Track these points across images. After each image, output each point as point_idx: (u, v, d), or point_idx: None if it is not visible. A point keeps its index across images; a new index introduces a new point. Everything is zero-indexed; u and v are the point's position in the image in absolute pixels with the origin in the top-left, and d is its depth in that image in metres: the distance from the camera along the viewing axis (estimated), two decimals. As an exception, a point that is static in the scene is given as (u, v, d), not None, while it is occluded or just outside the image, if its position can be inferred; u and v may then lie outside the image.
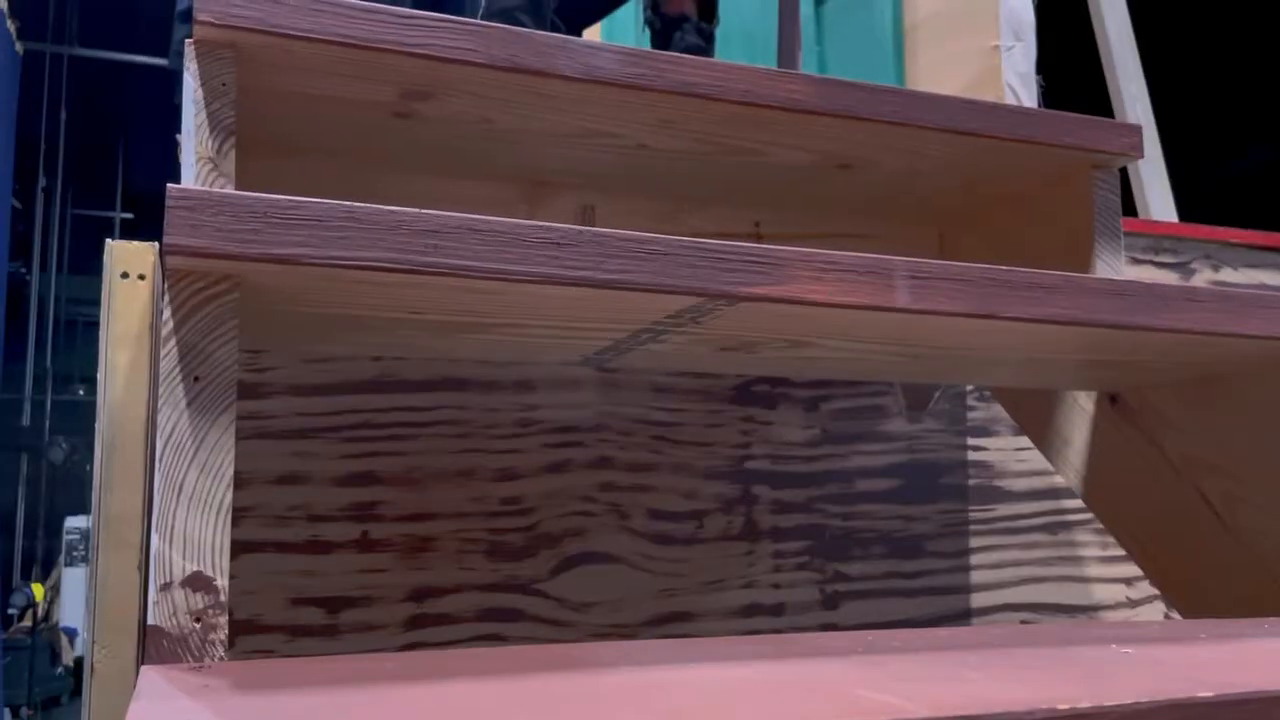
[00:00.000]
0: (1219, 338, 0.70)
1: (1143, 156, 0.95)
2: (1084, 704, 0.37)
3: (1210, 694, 0.40)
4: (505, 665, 0.45)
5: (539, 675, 0.43)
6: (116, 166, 6.31)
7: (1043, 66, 1.95)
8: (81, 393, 5.96)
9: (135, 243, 0.80)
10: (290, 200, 0.49)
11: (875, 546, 1.14)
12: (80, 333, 6.18)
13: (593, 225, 1.02)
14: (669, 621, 1.01)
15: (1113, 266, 0.94)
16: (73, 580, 5.11)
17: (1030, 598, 1.17)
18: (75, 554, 5.15)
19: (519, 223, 0.53)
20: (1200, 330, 0.68)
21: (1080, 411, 0.98)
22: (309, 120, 0.82)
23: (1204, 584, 0.92)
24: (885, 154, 0.94)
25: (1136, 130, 0.95)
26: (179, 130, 0.72)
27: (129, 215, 6.40)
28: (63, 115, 5.53)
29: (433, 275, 0.51)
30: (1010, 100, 1.97)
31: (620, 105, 0.84)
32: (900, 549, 1.15)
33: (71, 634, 5.20)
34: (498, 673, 0.43)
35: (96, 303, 0.80)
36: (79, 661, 5.07)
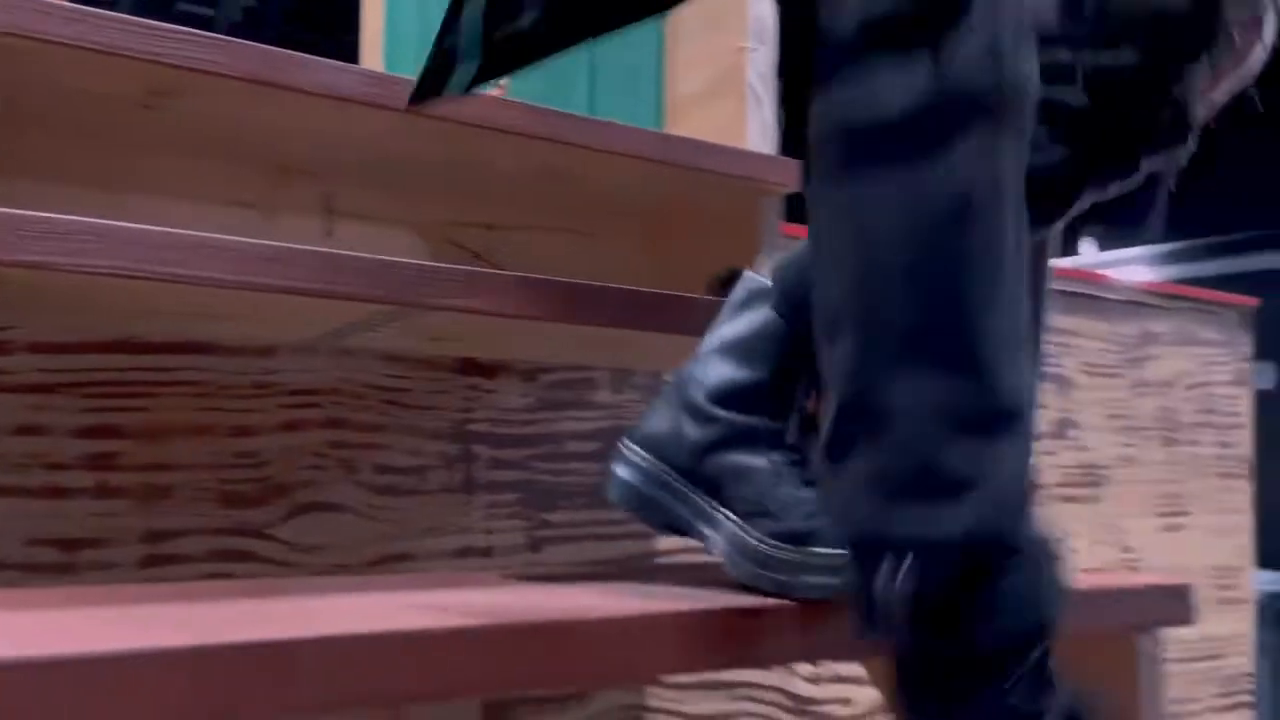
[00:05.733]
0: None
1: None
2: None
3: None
4: (153, 595, 0.58)
5: (146, 605, 0.57)
6: None
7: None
8: None
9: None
10: (39, 217, 0.59)
11: (579, 499, 1.32)
12: None
13: (333, 213, 1.13)
14: (389, 562, 1.16)
15: (772, 276, 1.16)
16: None
17: (706, 544, 1.40)
18: None
19: (246, 241, 0.66)
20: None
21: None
22: (65, 107, 0.89)
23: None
24: (592, 170, 1.11)
25: (794, 165, 1.16)
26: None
27: None
28: None
29: (169, 283, 0.63)
30: (751, 99, 2.20)
31: (359, 117, 0.96)
32: (601, 501, 1.34)
33: None
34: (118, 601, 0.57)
35: None
36: None
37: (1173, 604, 0.82)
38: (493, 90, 2.48)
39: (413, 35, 2.59)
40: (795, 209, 1.40)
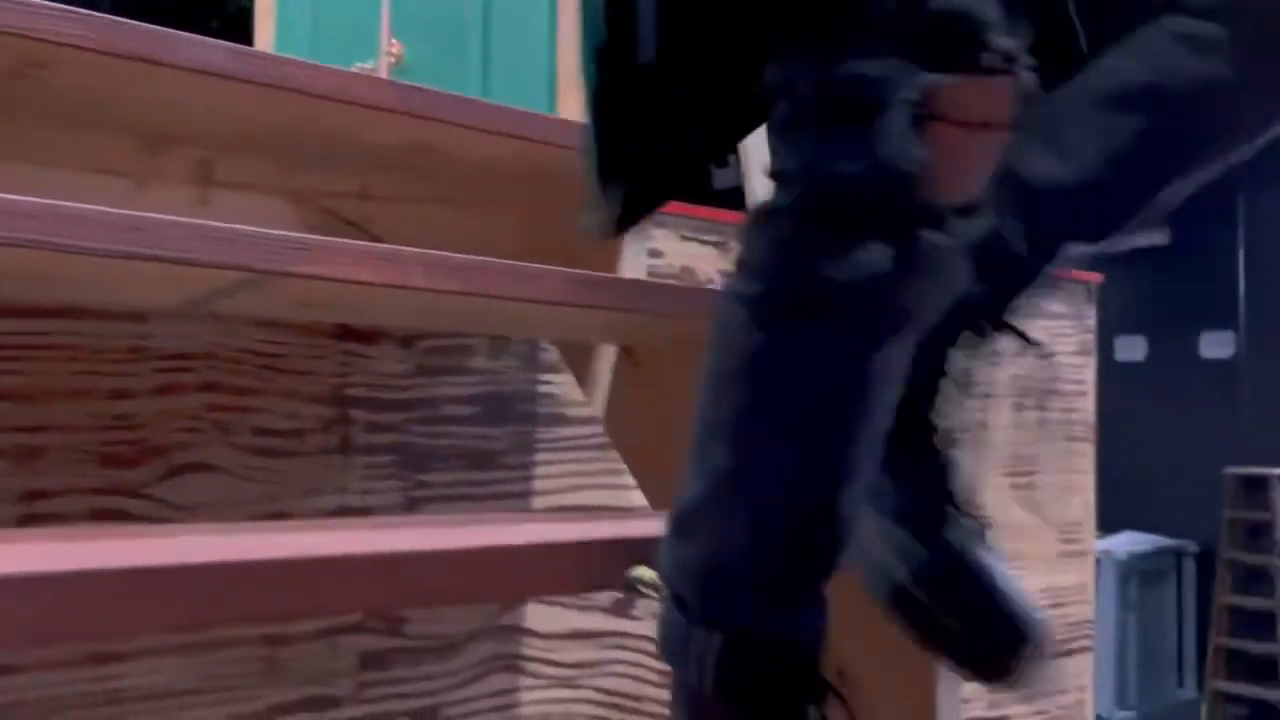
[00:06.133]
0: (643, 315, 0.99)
1: (661, 167, 1.24)
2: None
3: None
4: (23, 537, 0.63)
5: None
6: None
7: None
8: None
9: None
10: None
11: (455, 461, 1.38)
12: None
13: (210, 179, 1.17)
14: (267, 521, 1.20)
15: (636, 249, 1.24)
16: None
17: (579, 501, 1.48)
18: None
19: (103, 210, 0.70)
20: (623, 307, 0.97)
21: (607, 358, 1.28)
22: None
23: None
24: (464, 145, 1.17)
25: (657, 146, 1.23)
26: None
27: None
28: None
29: (30, 249, 0.67)
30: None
31: (229, 90, 1.00)
32: (477, 462, 1.40)
33: None
34: None
35: None
36: None
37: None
38: (382, 64, 2.50)
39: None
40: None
